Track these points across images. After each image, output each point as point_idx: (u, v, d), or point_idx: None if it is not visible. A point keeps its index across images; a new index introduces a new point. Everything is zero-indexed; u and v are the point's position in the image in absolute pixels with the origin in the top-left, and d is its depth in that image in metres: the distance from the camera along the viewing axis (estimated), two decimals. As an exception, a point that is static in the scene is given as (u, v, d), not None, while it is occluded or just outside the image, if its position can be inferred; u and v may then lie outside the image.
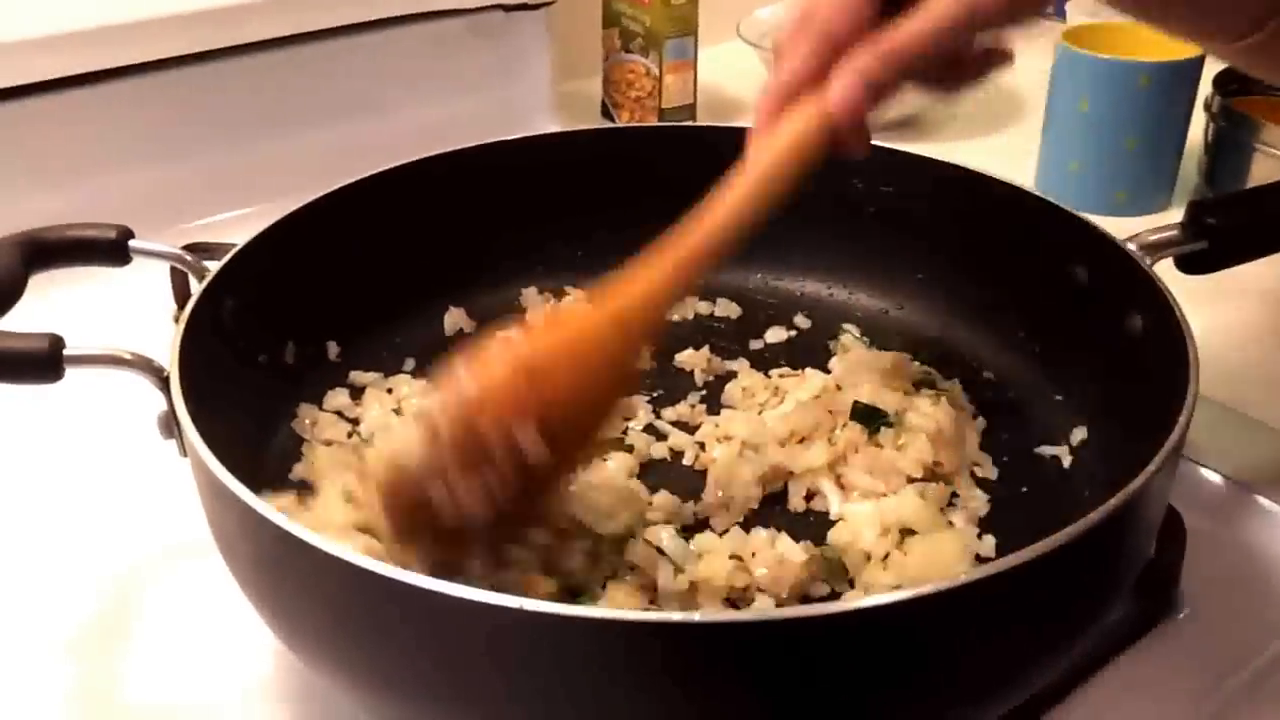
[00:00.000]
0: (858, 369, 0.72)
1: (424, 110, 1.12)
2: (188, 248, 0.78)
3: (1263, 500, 0.72)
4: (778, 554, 0.59)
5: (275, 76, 1.02)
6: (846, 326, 0.81)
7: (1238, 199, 0.69)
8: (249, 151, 1.03)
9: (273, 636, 0.56)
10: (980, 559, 0.62)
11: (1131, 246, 0.66)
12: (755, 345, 0.80)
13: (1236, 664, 0.63)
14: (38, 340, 0.55)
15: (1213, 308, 0.68)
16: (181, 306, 0.88)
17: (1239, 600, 0.67)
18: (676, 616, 0.45)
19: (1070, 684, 0.60)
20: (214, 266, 0.67)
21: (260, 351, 0.70)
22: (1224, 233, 0.66)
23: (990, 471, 0.69)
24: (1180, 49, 1.01)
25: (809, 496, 0.66)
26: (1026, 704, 0.56)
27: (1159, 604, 0.65)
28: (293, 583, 0.50)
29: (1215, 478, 0.73)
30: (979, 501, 0.66)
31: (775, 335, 0.81)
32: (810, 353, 0.79)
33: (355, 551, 0.47)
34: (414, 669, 0.48)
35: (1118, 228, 0.69)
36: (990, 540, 0.63)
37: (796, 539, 0.61)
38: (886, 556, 0.61)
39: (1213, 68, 1.03)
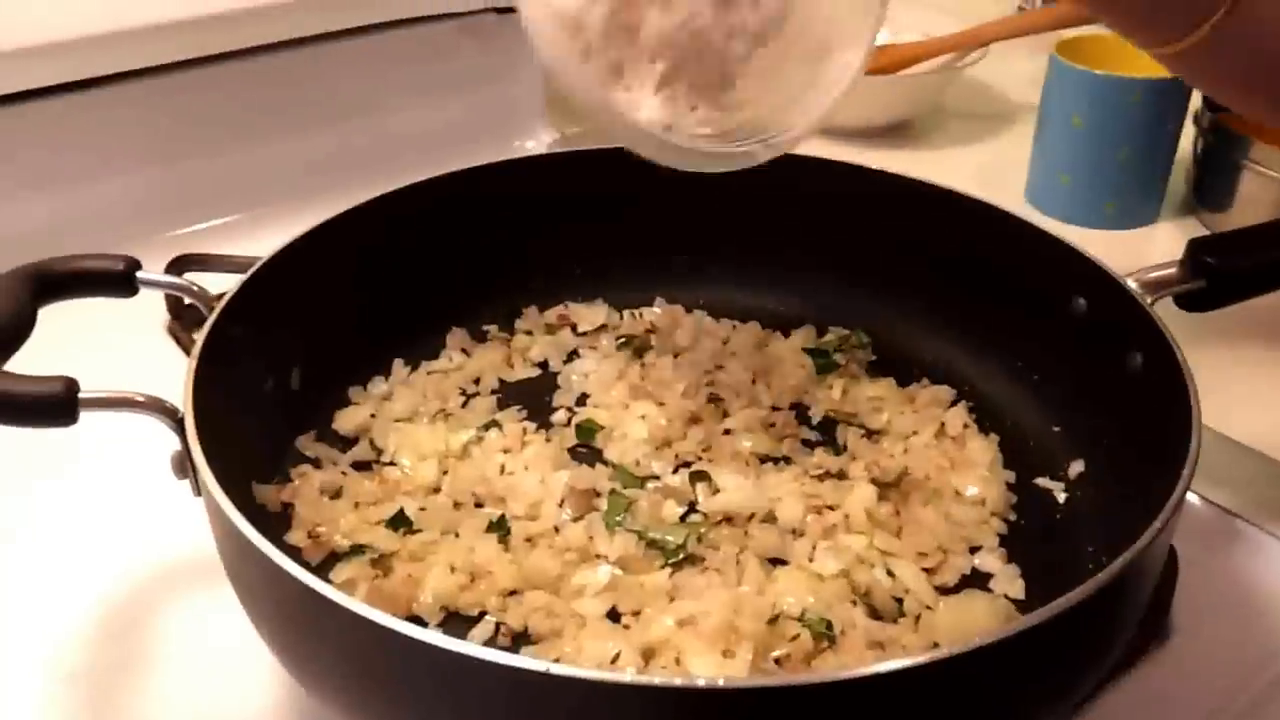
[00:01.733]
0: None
1: (416, 113, 1.11)
2: (183, 259, 0.79)
3: (1250, 527, 0.73)
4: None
5: (267, 82, 1.02)
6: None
7: (1237, 238, 0.70)
8: (242, 157, 1.03)
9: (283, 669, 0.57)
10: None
11: (1131, 284, 0.67)
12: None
13: (1227, 690, 0.64)
14: (52, 384, 0.55)
15: (1201, 330, 0.70)
16: (175, 316, 0.89)
17: (1228, 627, 0.68)
18: (678, 681, 0.46)
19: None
20: (217, 294, 0.66)
21: (267, 378, 0.71)
22: (1223, 272, 0.67)
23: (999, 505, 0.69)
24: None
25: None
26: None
27: (1150, 632, 0.66)
28: (313, 636, 0.51)
29: (1203, 505, 0.74)
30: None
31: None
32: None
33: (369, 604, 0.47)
34: (437, 724, 0.49)
35: (1108, 240, 0.70)
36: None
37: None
38: (918, 618, 0.62)
39: (1203, 83, 1.05)
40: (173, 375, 0.59)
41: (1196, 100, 1.04)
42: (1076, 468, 0.71)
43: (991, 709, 0.50)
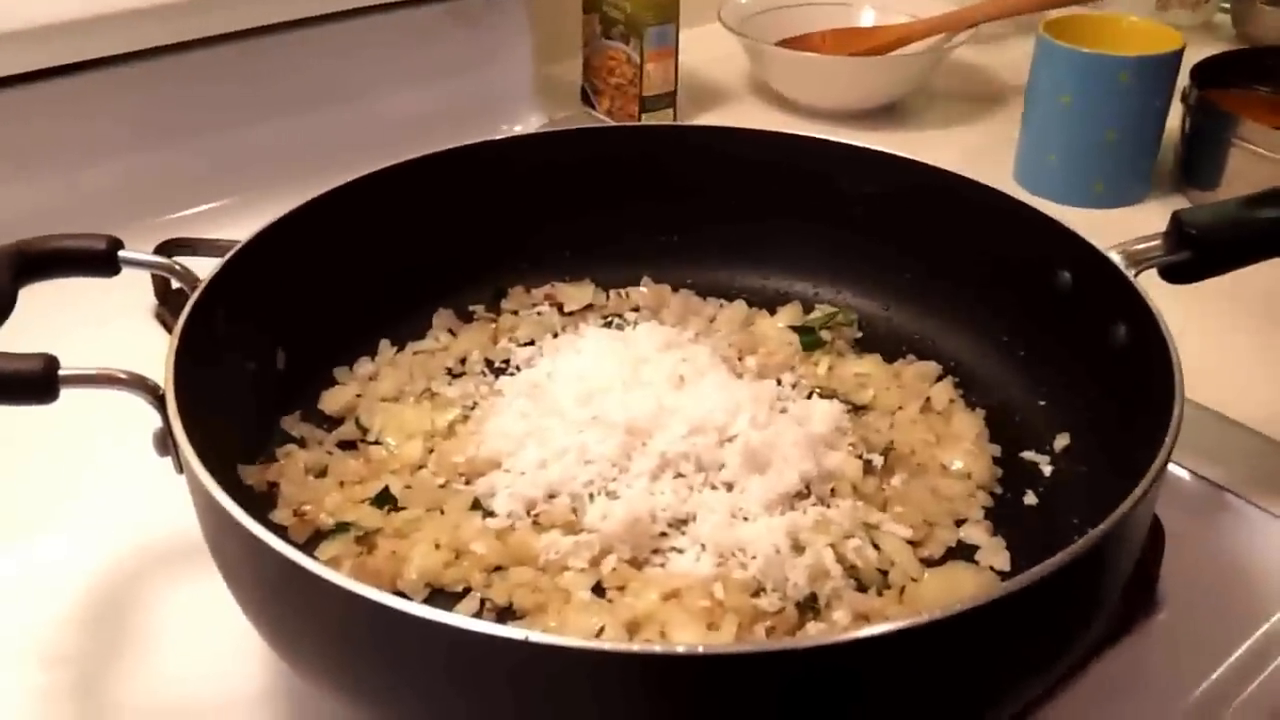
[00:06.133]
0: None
1: (404, 97, 1.11)
2: (170, 243, 0.78)
3: (1237, 501, 0.73)
4: None
5: (255, 66, 1.02)
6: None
7: (1221, 209, 0.69)
8: (229, 142, 1.02)
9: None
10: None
11: (1115, 256, 0.67)
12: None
13: (1214, 661, 0.64)
14: (32, 361, 0.55)
15: (1188, 305, 0.70)
16: (162, 301, 0.89)
17: (1215, 600, 0.68)
18: (657, 648, 0.46)
19: (1053, 685, 0.61)
20: (203, 276, 0.66)
21: (251, 359, 0.70)
22: (1207, 243, 0.66)
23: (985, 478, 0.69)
24: (1160, 43, 1.02)
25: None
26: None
27: (1138, 605, 0.66)
28: (297, 611, 0.51)
29: (1190, 477, 0.75)
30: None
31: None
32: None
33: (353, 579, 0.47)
34: (419, 698, 0.49)
35: (1096, 219, 0.70)
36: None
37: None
38: (903, 590, 0.61)
39: (1190, 60, 1.04)
40: (159, 358, 0.59)
41: (1184, 78, 1.04)
42: (1062, 441, 0.70)
43: (975, 676, 0.50)
